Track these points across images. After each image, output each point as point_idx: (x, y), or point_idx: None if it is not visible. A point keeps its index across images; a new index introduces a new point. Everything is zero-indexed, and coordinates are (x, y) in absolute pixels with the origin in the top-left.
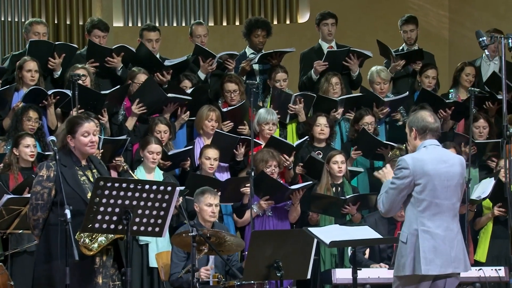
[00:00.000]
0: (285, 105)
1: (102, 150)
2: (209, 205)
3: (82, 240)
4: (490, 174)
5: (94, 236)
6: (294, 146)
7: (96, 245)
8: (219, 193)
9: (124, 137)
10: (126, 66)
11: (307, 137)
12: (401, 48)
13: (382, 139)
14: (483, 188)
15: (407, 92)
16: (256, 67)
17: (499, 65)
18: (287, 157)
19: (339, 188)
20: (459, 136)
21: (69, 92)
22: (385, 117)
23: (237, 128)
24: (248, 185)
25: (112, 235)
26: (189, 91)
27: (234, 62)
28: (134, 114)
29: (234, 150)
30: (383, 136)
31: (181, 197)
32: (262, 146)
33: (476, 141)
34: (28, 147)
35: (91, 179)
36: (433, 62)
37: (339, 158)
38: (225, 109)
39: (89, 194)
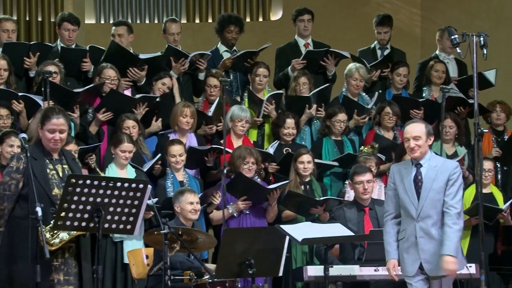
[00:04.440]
0: (260, 106)
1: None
2: (190, 203)
3: (41, 233)
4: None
5: (55, 231)
6: (272, 153)
7: (57, 240)
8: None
9: (98, 144)
10: (96, 65)
11: (276, 141)
12: (372, 46)
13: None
14: None
15: (377, 92)
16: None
17: (475, 62)
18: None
19: (307, 186)
20: None
21: (39, 100)
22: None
23: (217, 126)
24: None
25: (74, 232)
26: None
27: (205, 62)
28: (98, 121)
29: (205, 157)
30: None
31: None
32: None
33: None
34: (12, 147)
35: (61, 174)
36: (404, 60)
37: (306, 158)
38: (209, 113)
39: (55, 190)
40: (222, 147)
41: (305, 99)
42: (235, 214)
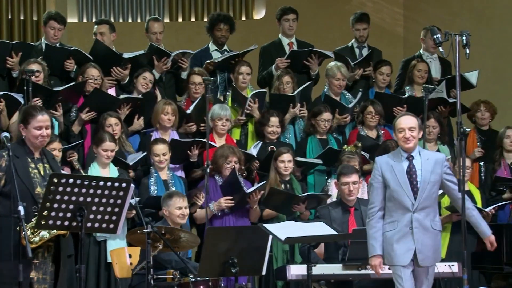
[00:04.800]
0: (244, 104)
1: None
2: (178, 208)
3: (23, 232)
4: None
5: (36, 230)
6: (255, 155)
7: (37, 238)
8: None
9: (79, 141)
10: (80, 66)
11: (259, 141)
12: (350, 45)
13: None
14: None
15: (360, 91)
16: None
17: (457, 61)
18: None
19: (287, 185)
20: None
21: (20, 98)
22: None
23: (199, 126)
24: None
25: (55, 231)
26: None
27: (188, 61)
28: (81, 121)
29: (188, 151)
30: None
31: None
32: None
33: None
34: None
35: (42, 173)
36: (381, 58)
37: (286, 157)
38: (188, 111)
39: (37, 189)
40: (205, 141)
41: (289, 98)
42: (217, 213)
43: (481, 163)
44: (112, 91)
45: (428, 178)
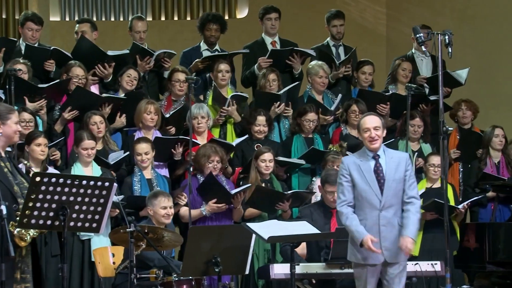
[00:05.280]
0: (221, 106)
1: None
2: (163, 208)
3: (16, 230)
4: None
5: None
6: (234, 145)
7: (29, 236)
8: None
9: (61, 138)
10: (60, 67)
11: (246, 135)
12: (325, 43)
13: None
14: None
15: (340, 94)
16: None
17: (439, 61)
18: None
19: (268, 184)
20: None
21: (1, 94)
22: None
23: (179, 129)
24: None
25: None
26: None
27: (170, 61)
28: (63, 120)
29: (172, 149)
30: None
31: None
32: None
33: None
34: None
35: (11, 171)
36: (355, 56)
37: (267, 156)
38: (167, 115)
39: (14, 187)
40: (188, 138)
41: (274, 96)
42: (207, 214)
43: (460, 163)
44: (95, 89)
45: (393, 176)
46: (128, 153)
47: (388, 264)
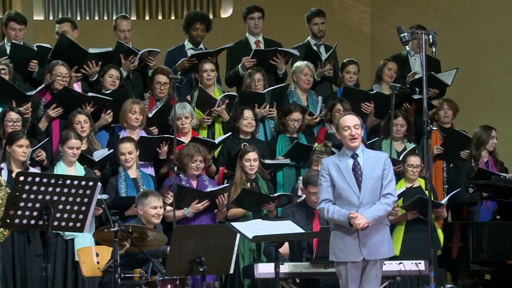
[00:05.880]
0: (209, 107)
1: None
2: (154, 207)
3: None
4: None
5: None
6: (216, 143)
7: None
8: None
9: (45, 140)
10: (42, 65)
11: (229, 133)
12: (307, 42)
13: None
14: None
15: (321, 97)
16: None
17: (423, 60)
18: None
19: (253, 184)
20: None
21: None
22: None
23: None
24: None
25: None
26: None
27: (155, 59)
28: (48, 117)
29: (157, 148)
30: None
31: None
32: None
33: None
34: None
35: None
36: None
37: (252, 155)
38: (150, 114)
39: None
40: (173, 137)
41: (259, 96)
42: (189, 215)
43: (444, 162)
44: (77, 86)
45: (371, 174)
46: (112, 150)
47: (368, 261)
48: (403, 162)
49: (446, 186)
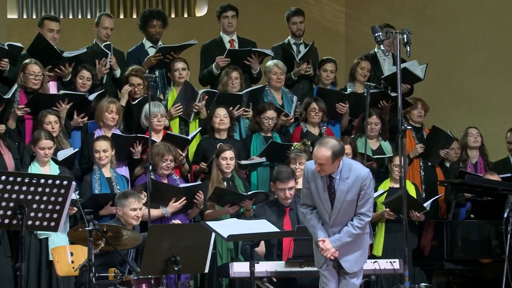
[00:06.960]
0: (190, 102)
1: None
2: (133, 209)
3: None
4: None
5: None
6: (189, 139)
7: None
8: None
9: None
10: (14, 64)
11: (200, 128)
12: (286, 41)
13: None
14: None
15: (295, 96)
16: None
17: (398, 60)
18: (180, 152)
19: (230, 182)
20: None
21: None
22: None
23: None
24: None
25: None
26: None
27: (113, 60)
28: (15, 115)
29: (131, 148)
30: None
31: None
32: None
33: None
34: None
35: None
36: (317, 54)
37: (229, 154)
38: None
39: None
40: (147, 136)
41: (236, 97)
42: (167, 215)
43: (421, 161)
44: (53, 86)
45: (343, 198)
46: (77, 149)
47: (348, 274)
48: (390, 162)
49: (424, 186)
